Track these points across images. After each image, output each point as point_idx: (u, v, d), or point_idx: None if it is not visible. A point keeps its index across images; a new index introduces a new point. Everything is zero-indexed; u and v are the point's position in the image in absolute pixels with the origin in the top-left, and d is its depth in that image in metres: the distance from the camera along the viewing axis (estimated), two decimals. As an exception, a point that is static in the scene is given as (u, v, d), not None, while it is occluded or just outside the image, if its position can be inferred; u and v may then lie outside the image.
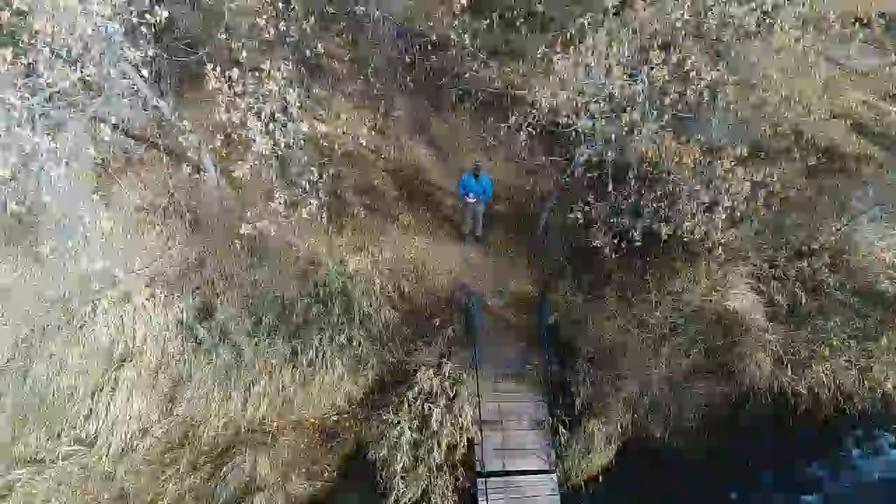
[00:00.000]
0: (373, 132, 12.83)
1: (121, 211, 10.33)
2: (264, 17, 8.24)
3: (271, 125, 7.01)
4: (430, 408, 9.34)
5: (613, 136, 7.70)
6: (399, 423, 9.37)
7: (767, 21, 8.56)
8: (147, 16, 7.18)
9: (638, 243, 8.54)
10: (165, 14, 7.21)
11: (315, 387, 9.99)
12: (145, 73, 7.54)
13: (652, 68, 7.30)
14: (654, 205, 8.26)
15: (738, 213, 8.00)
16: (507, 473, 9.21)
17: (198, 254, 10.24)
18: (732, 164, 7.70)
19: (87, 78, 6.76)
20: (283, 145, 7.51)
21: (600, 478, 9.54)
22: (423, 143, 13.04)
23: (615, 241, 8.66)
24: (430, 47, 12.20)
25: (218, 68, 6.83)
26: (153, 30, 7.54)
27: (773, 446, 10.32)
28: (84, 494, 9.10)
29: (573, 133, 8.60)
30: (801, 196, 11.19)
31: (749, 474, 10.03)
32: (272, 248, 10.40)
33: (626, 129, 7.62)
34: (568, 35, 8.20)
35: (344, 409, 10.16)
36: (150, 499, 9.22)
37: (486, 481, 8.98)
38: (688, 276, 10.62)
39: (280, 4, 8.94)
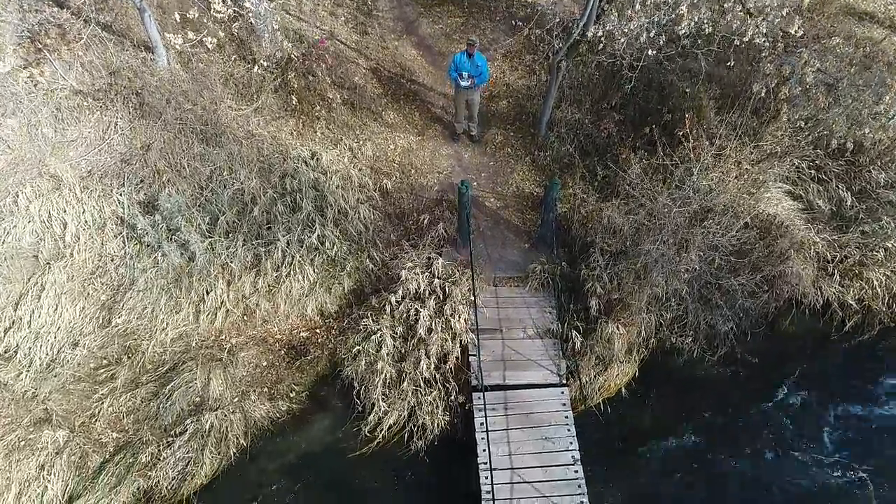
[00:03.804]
0: (353, 32, 11.35)
1: (53, 94, 8.77)
2: None
3: None
4: (416, 311, 7.81)
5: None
6: (379, 330, 7.84)
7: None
8: None
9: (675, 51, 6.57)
10: None
11: (281, 296, 8.47)
12: None
13: None
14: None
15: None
16: (509, 388, 7.68)
17: (143, 142, 8.68)
18: None
19: None
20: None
21: (623, 392, 8.02)
22: (411, 44, 11.55)
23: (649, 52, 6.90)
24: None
25: None
26: None
27: (816, 363, 8.82)
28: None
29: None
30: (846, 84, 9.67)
31: (788, 394, 8.50)
32: (231, 135, 8.87)
33: None
34: None
35: (316, 322, 8.64)
36: (81, 421, 7.66)
37: (483, 396, 7.44)
38: (715, 175, 9.11)
39: None
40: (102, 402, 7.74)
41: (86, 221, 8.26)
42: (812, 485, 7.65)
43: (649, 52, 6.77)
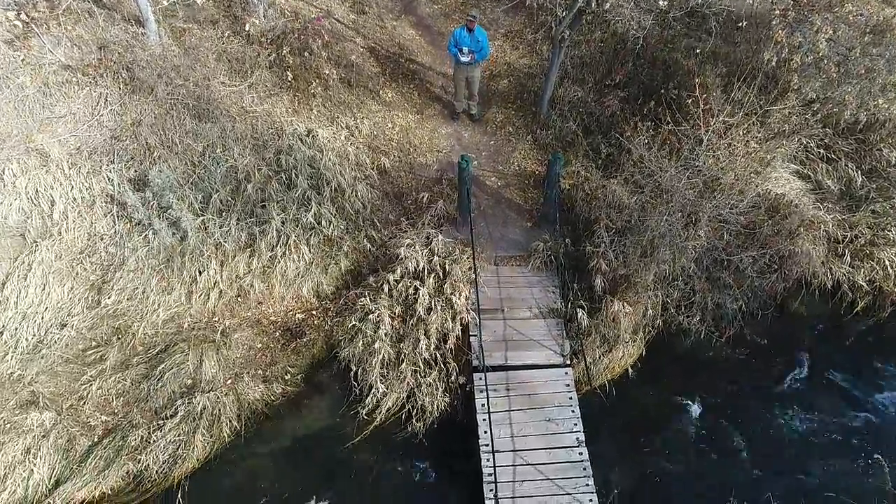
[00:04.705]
0: (350, 11, 11.10)
1: (41, 69, 8.50)
2: None
3: None
4: (415, 289, 7.57)
5: None
6: (377, 310, 7.59)
7: None
8: None
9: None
10: None
11: (276, 277, 8.21)
12: None
13: None
14: None
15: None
16: (511, 368, 7.44)
17: (133, 118, 8.43)
18: None
19: None
20: None
21: (629, 372, 7.78)
22: (409, 23, 11.33)
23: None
24: None
25: None
26: None
27: (827, 345, 8.57)
28: (-16, 399, 7.28)
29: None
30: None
31: (797, 376, 8.25)
32: (224, 111, 8.62)
33: None
34: None
35: (311, 304, 8.38)
36: (68, 404, 7.39)
37: (485, 377, 7.19)
38: (723, 144, 8.86)
39: None
40: (91, 385, 7.47)
41: (74, 199, 8.01)
42: (823, 467, 7.41)
43: (661, 3, 6.52)
